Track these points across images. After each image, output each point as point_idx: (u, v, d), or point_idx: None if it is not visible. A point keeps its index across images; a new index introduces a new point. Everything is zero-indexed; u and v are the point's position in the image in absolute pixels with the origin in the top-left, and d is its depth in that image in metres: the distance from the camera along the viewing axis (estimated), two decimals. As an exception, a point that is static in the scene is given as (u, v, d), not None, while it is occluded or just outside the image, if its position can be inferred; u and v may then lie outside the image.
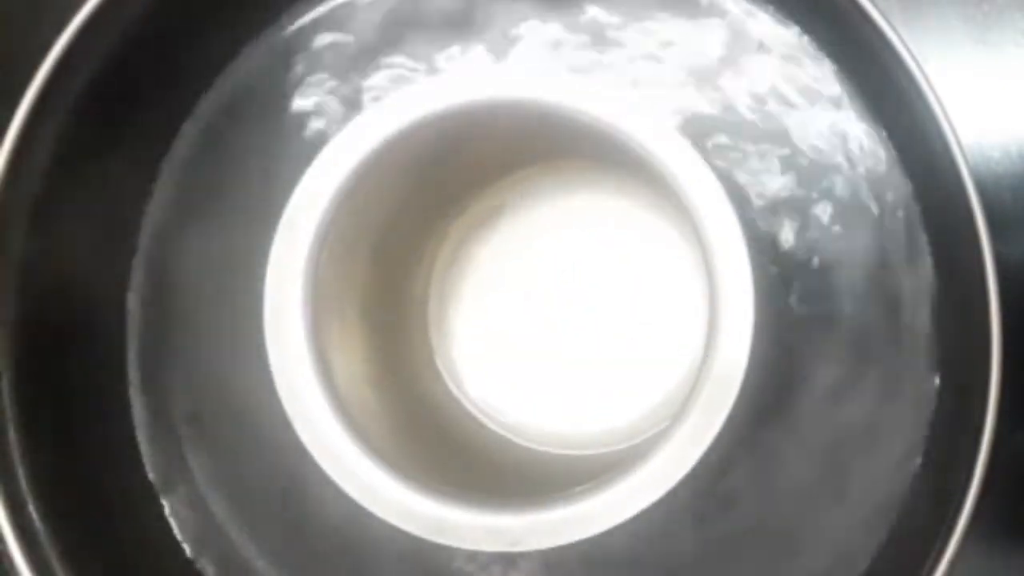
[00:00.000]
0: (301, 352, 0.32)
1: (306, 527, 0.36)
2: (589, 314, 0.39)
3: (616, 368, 0.38)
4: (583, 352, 0.39)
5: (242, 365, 0.36)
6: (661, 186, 0.32)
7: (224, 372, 0.37)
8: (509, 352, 0.39)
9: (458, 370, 0.39)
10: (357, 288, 0.36)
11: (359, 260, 0.35)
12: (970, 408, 0.31)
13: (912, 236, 0.35)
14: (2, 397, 0.34)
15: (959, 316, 0.34)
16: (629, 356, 0.38)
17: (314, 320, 0.32)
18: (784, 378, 0.35)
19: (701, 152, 0.31)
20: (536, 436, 0.39)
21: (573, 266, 0.39)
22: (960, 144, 0.32)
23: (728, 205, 0.31)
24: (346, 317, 0.35)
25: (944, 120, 0.32)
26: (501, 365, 0.39)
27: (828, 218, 0.35)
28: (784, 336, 0.35)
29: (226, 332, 0.36)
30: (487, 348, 0.39)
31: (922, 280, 0.35)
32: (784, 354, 0.35)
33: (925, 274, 0.35)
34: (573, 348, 0.39)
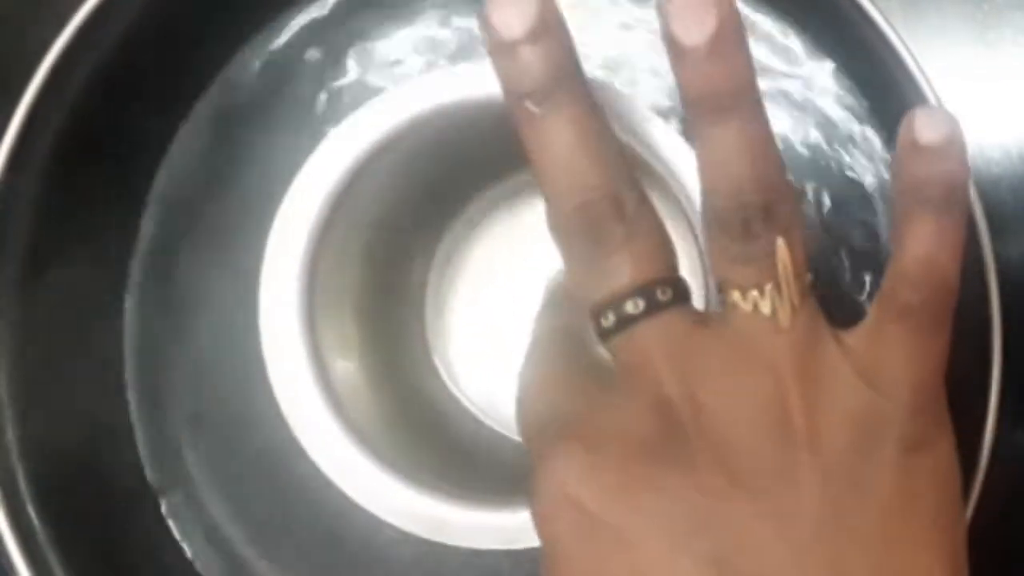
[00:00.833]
0: (297, 352, 0.32)
1: (305, 527, 0.36)
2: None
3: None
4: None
5: (241, 365, 0.36)
6: (658, 185, 0.31)
7: (224, 372, 0.37)
8: (506, 350, 0.39)
9: (455, 368, 0.39)
10: (353, 287, 0.36)
11: (355, 259, 0.35)
12: (970, 408, 0.31)
13: (912, 236, 0.35)
14: (2, 397, 0.34)
15: (959, 316, 0.34)
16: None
17: (310, 320, 0.32)
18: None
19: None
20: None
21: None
22: (960, 144, 0.32)
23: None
24: (342, 316, 0.35)
25: (944, 120, 0.32)
26: (498, 362, 0.39)
27: (827, 216, 0.35)
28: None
29: (225, 332, 0.37)
30: (484, 346, 0.39)
31: (922, 280, 0.35)
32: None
33: (925, 274, 0.35)
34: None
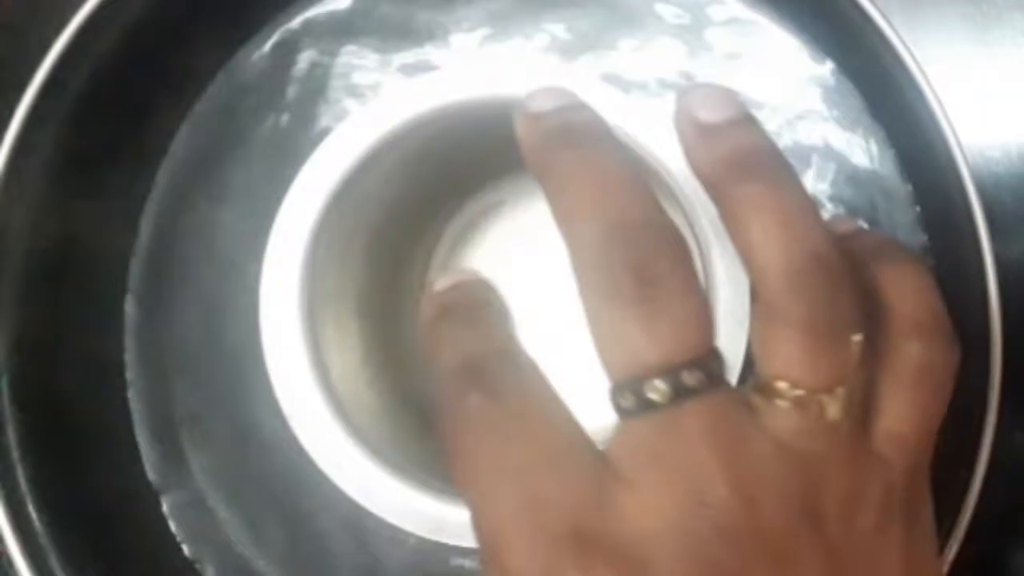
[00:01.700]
0: (298, 352, 0.32)
1: (305, 527, 0.36)
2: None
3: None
4: (579, 350, 0.38)
5: (241, 365, 0.36)
6: (657, 183, 0.31)
7: (224, 372, 0.37)
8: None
9: (455, 368, 0.39)
10: (353, 287, 0.36)
11: (355, 259, 0.35)
12: (970, 408, 0.31)
13: (912, 236, 0.35)
14: (2, 397, 0.34)
15: (959, 316, 0.34)
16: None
17: (310, 320, 0.32)
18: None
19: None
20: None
21: (569, 264, 0.39)
22: (960, 144, 0.32)
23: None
24: (342, 316, 0.35)
25: (944, 120, 0.32)
26: (498, 363, 0.39)
27: (827, 217, 0.35)
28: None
29: (225, 332, 0.37)
30: (483, 346, 0.39)
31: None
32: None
33: (925, 274, 0.35)
34: (569, 346, 0.39)
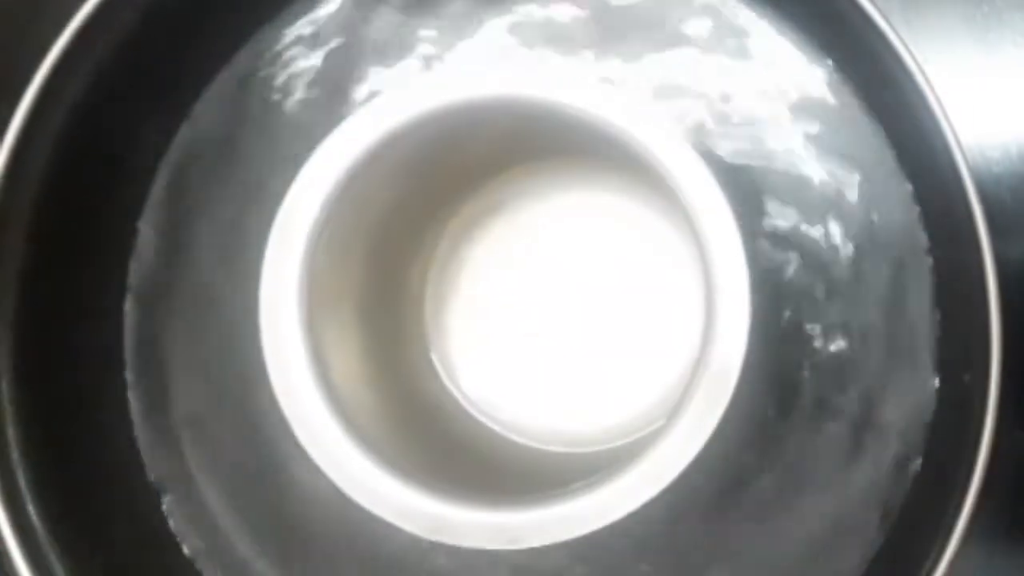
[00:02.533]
0: (297, 352, 0.32)
1: (305, 526, 0.36)
2: (585, 311, 0.39)
3: (612, 365, 0.38)
4: (579, 349, 0.39)
5: (241, 365, 0.36)
6: (656, 182, 0.32)
7: (224, 372, 0.37)
8: (506, 349, 0.39)
9: (455, 368, 0.39)
10: (353, 287, 0.36)
11: (355, 259, 0.35)
12: (970, 408, 0.31)
13: (912, 236, 0.35)
14: (2, 397, 0.34)
15: (959, 316, 0.34)
16: (625, 353, 0.38)
17: (310, 319, 0.32)
18: (782, 375, 0.35)
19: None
20: (533, 433, 0.39)
21: (568, 263, 0.39)
22: (960, 144, 0.32)
23: (724, 202, 0.31)
24: (342, 316, 0.35)
25: (944, 120, 0.32)
26: (498, 362, 0.39)
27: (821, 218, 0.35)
28: (781, 333, 0.35)
29: (225, 332, 0.37)
30: (484, 345, 0.39)
31: (922, 280, 0.35)
32: (782, 351, 0.35)
33: (925, 274, 0.35)
34: (569, 345, 0.39)
